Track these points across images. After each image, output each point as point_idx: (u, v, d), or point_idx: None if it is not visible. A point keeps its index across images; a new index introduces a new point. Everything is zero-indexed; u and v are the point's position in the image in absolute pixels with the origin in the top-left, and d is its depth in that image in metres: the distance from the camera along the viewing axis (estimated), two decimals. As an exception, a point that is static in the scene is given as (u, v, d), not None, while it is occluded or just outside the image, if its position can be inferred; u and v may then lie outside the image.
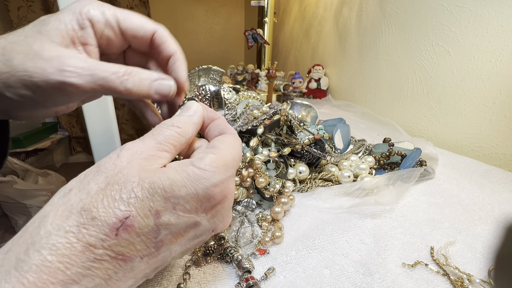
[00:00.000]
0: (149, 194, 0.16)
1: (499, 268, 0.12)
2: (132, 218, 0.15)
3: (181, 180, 0.17)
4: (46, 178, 1.39)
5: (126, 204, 0.15)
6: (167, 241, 0.17)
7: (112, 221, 0.15)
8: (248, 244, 0.29)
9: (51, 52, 0.19)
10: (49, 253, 0.13)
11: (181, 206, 0.17)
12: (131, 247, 0.16)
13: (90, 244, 0.14)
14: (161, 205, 0.16)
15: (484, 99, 0.53)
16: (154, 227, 0.16)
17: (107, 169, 0.16)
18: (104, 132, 0.61)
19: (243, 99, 0.55)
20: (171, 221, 0.17)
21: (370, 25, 0.82)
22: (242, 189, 0.34)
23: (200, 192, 0.17)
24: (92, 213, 0.15)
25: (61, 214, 0.15)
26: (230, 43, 2.26)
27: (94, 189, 0.15)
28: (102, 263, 0.15)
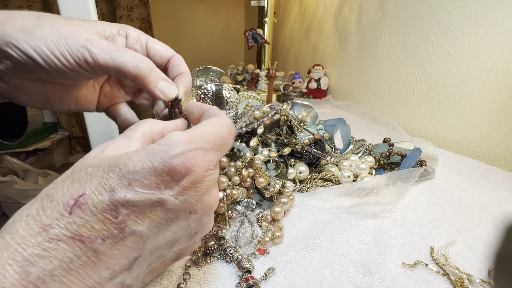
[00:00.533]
0: (104, 172, 0.16)
1: (499, 268, 0.12)
2: (85, 196, 0.15)
3: (138, 156, 0.16)
4: (46, 178, 1.39)
5: (83, 183, 0.16)
6: (130, 222, 0.16)
7: (66, 199, 0.15)
8: (248, 244, 0.29)
9: (80, 27, 0.21)
10: (10, 236, 0.14)
11: (138, 181, 0.16)
12: (88, 226, 0.15)
13: (46, 225, 0.15)
14: (115, 181, 0.16)
15: (484, 99, 0.53)
16: (110, 204, 0.16)
17: (76, 163, 0.17)
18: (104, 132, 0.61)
19: (243, 99, 0.55)
20: (128, 197, 0.16)
21: (370, 25, 0.82)
22: (242, 189, 0.34)
23: (157, 164, 0.16)
24: (52, 196, 0.15)
25: (30, 203, 0.16)
26: (230, 43, 2.26)
27: (61, 178, 0.17)
28: (58, 243, 0.14)
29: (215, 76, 0.48)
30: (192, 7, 2.09)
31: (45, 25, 0.20)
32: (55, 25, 0.20)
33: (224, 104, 0.38)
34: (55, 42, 0.20)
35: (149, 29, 1.92)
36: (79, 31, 0.21)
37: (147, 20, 1.91)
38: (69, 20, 0.21)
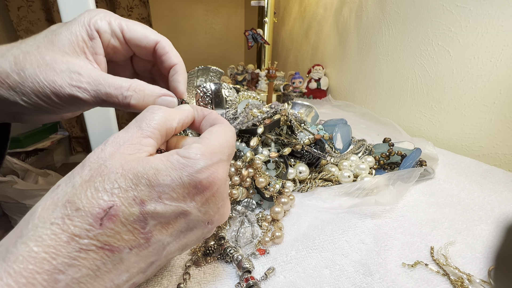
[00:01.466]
0: (133, 184, 0.16)
1: (499, 268, 0.12)
2: (116, 208, 0.15)
3: (165, 169, 0.17)
4: (46, 178, 1.39)
5: (110, 194, 0.15)
6: (156, 232, 0.17)
7: (96, 211, 0.15)
8: (248, 244, 0.29)
9: (61, 65, 0.20)
10: (35, 244, 0.14)
11: (167, 194, 0.17)
12: (118, 237, 0.16)
13: (75, 235, 0.15)
14: (145, 194, 0.16)
15: (484, 99, 0.53)
16: (140, 216, 0.16)
17: (91, 162, 0.17)
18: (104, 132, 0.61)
19: (243, 99, 0.55)
20: (157, 209, 0.17)
21: (370, 25, 0.82)
22: (242, 189, 0.34)
23: (185, 179, 0.17)
24: (76, 205, 0.15)
25: (48, 207, 0.15)
26: (230, 43, 2.26)
27: (78, 181, 0.16)
28: (88, 253, 0.15)
29: (215, 76, 0.48)
30: (192, 7, 2.09)
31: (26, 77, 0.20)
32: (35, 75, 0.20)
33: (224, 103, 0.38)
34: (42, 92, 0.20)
35: (149, 29, 1.92)
36: (57, 72, 0.20)
37: (147, 20, 1.91)
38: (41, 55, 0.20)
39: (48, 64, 0.20)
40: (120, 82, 0.21)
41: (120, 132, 0.18)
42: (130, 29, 0.23)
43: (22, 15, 1.67)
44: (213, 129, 0.20)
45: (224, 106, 0.38)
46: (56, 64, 0.20)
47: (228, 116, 0.40)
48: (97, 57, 0.23)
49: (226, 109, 0.39)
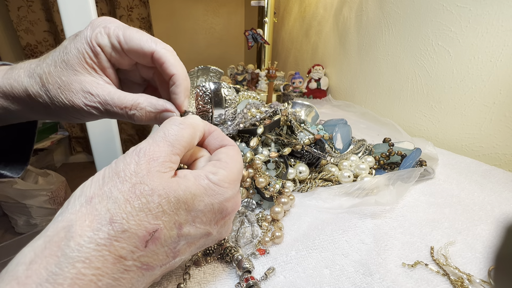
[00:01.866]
0: (175, 208, 0.17)
1: (499, 268, 0.12)
2: (159, 231, 0.16)
3: (200, 194, 0.18)
4: (46, 178, 1.39)
5: (155, 217, 0.16)
6: (182, 250, 0.18)
7: (143, 233, 0.16)
8: (248, 244, 0.29)
9: (76, 85, 0.23)
10: (83, 266, 0.14)
11: (199, 218, 0.18)
12: (155, 257, 0.17)
13: (121, 256, 0.15)
14: (183, 218, 0.17)
15: (484, 99, 0.53)
16: (176, 238, 0.17)
17: (129, 177, 0.16)
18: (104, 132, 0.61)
19: (243, 99, 0.55)
20: (191, 232, 0.18)
21: (370, 25, 0.82)
22: (242, 189, 0.34)
23: (216, 206, 0.19)
24: (122, 226, 0.15)
25: (89, 225, 0.15)
26: (230, 43, 2.26)
27: (120, 199, 0.16)
28: (129, 273, 0.15)
29: (215, 76, 0.48)
30: (192, 7, 2.09)
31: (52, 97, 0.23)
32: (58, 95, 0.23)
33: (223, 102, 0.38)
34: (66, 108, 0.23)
35: (149, 29, 1.92)
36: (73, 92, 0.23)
37: (147, 20, 1.91)
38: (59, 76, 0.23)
39: (66, 85, 0.22)
40: (125, 101, 0.23)
41: (149, 143, 0.18)
42: (127, 40, 0.23)
43: (22, 15, 1.67)
44: (230, 152, 0.22)
45: (224, 105, 0.38)
46: (71, 85, 0.23)
47: (228, 116, 0.40)
48: (106, 70, 0.24)
49: (226, 109, 0.39)
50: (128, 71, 0.27)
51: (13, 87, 0.23)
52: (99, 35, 0.23)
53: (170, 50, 0.24)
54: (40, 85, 0.23)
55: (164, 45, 0.24)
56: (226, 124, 0.39)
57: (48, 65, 0.23)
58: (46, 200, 1.32)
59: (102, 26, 0.23)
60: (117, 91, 0.24)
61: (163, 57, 0.24)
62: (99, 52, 0.23)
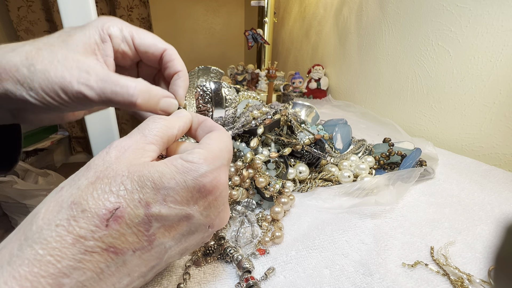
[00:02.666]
0: (139, 186, 0.16)
1: (499, 268, 0.12)
2: (122, 209, 0.16)
3: (170, 172, 0.17)
4: (46, 178, 1.39)
5: (116, 196, 0.16)
6: (159, 234, 0.17)
7: (102, 212, 0.15)
8: (248, 244, 0.29)
9: (72, 62, 0.20)
10: (40, 247, 0.14)
11: (171, 197, 0.17)
12: (122, 239, 0.16)
13: (80, 236, 0.14)
14: (151, 196, 0.16)
15: (484, 99, 0.53)
16: (144, 218, 0.16)
17: (96, 165, 0.17)
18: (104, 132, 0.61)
19: (243, 99, 0.55)
20: (162, 212, 0.17)
21: (370, 25, 0.82)
22: (242, 189, 0.34)
23: (190, 183, 0.17)
24: (82, 206, 0.15)
25: (52, 209, 0.15)
26: (230, 43, 2.26)
27: (84, 183, 0.16)
28: (93, 255, 0.15)
29: (215, 77, 0.48)
30: (192, 7, 2.09)
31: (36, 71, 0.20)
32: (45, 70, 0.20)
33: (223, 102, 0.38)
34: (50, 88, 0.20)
35: (149, 29, 1.92)
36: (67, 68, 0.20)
37: (147, 20, 1.91)
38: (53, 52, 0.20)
39: (60, 60, 0.20)
40: (125, 81, 0.21)
41: (123, 138, 0.18)
42: (141, 37, 0.24)
43: (22, 15, 1.67)
44: (211, 135, 0.21)
45: (224, 105, 0.38)
46: (66, 61, 0.20)
47: (228, 115, 0.40)
48: (107, 58, 0.23)
49: (226, 109, 0.39)
50: (125, 70, 0.27)
51: None
52: (111, 26, 0.23)
53: None
54: (24, 59, 0.20)
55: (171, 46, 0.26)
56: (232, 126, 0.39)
57: (42, 43, 0.21)
58: (46, 200, 1.32)
59: (115, 20, 0.24)
60: (114, 73, 0.21)
61: (174, 54, 0.25)
62: (107, 40, 0.23)
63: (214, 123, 0.23)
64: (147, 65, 0.27)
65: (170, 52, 0.25)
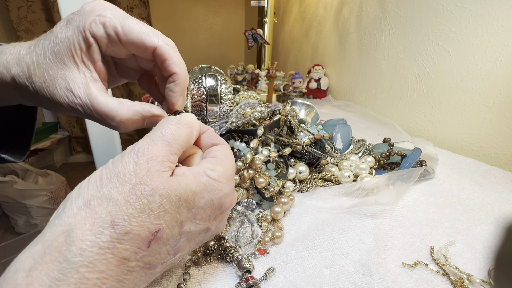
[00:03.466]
0: (176, 207, 0.17)
1: (499, 268, 0.12)
2: (162, 231, 0.16)
3: (201, 191, 0.18)
4: (46, 178, 1.39)
5: (157, 217, 0.16)
6: (182, 247, 0.18)
7: (145, 234, 0.15)
8: (248, 244, 0.29)
9: (60, 81, 0.21)
10: (86, 270, 0.14)
11: (200, 215, 0.18)
12: (157, 256, 0.17)
13: (124, 258, 0.15)
14: (185, 216, 0.17)
15: (484, 99, 0.53)
16: (178, 236, 0.17)
17: (128, 178, 0.16)
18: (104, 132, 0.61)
19: (243, 99, 0.55)
20: (191, 229, 0.18)
21: (370, 25, 0.82)
22: (242, 190, 0.34)
23: (216, 201, 0.19)
24: (125, 228, 0.15)
25: (91, 228, 0.14)
26: (230, 43, 2.26)
27: (120, 201, 0.15)
28: (133, 274, 0.15)
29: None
30: (192, 7, 2.09)
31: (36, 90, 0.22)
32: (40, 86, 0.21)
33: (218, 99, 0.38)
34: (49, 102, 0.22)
35: (149, 29, 1.92)
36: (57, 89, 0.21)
37: (147, 20, 1.91)
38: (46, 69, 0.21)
39: (51, 79, 0.21)
40: (106, 110, 0.21)
41: (147, 142, 0.18)
42: (126, 32, 0.21)
43: (22, 15, 1.67)
44: (223, 150, 0.22)
45: (219, 101, 0.38)
46: (56, 81, 0.21)
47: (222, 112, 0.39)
48: (96, 64, 0.22)
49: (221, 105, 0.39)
50: (124, 59, 0.25)
51: (2, 74, 0.22)
52: (94, 24, 0.21)
53: (173, 46, 0.23)
54: (27, 76, 0.21)
55: (167, 40, 0.22)
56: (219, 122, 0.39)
57: (37, 54, 0.21)
58: (46, 200, 1.32)
59: (96, 13, 0.21)
60: (98, 94, 0.21)
61: (165, 54, 0.22)
62: (91, 43, 0.21)
63: (216, 134, 0.24)
64: (143, 58, 0.24)
65: (162, 51, 0.22)
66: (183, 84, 0.23)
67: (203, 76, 0.37)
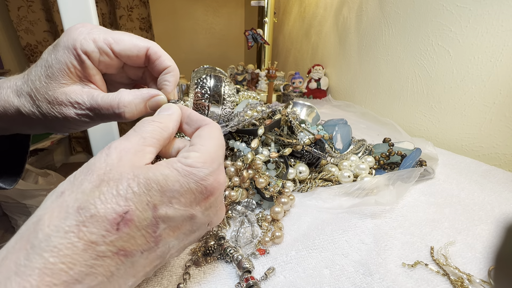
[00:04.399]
0: (146, 189, 0.16)
1: (499, 268, 0.12)
2: (131, 212, 0.16)
3: (173, 175, 0.17)
4: (46, 178, 1.39)
5: (124, 199, 0.16)
6: (165, 235, 0.18)
7: (112, 216, 0.15)
8: (248, 244, 0.29)
9: (63, 97, 0.22)
10: (50, 255, 0.14)
11: (177, 199, 0.17)
12: (132, 242, 0.16)
13: (92, 242, 0.14)
14: (157, 199, 0.17)
15: (484, 99, 0.53)
16: (152, 220, 0.17)
17: (99, 168, 0.16)
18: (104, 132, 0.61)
19: (243, 99, 0.55)
20: (168, 213, 0.17)
21: (370, 25, 0.82)
22: (242, 190, 0.34)
23: (192, 185, 0.18)
24: (90, 211, 0.15)
25: (58, 215, 0.15)
26: (230, 43, 2.26)
27: (88, 187, 0.16)
28: (104, 259, 0.15)
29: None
30: (192, 7, 2.09)
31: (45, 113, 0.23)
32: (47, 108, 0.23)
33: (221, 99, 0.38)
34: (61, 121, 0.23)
35: (149, 29, 1.92)
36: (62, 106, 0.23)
37: (147, 20, 1.91)
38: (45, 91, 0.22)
39: (54, 99, 0.22)
40: (109, 100, 0.22)
41: (121, 140, 0.18)
42: (118, 41, 0.23)
43: (22, 15, 1.67)
44: (202, 133, 0.21)
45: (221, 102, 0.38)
46: (58, 98, 0.22)
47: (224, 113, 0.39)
48: (92, 78, 0.24)
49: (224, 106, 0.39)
50: (113, 75, 0.27)
51: (5, 108, 0.23)
52: (84, 41, 0.22)
53: None
54: (32, 103, 0.23)
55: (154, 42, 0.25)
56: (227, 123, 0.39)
57: (33, 81, 0.22)
58: (46, 200, 1.32)
59: (85, 32, 0.22)
60: (100, 93, 0.23)
61: (159, 51, 0.24)
62: (84, 60, 0.22)
63: (200, 116, 0.23)
64: (132, 67, 0.26)
65: (155, 49, 0.24)
66: (176, 76, 0.25)
67: (208, 75, 0.37)
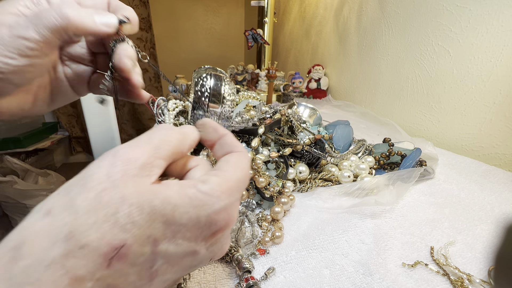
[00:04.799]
0: (149, 219, 0.14)
1: (499, 268, 0.12)
2: (127, 246, 0.13)
3: (184, 205, 0.15)
4: (46, 178, 1.39)
5: (123, 230, 0.13)
6: (162, 271, 0.15)
7: (106, 249, 0.13)
8: (248, 244, 0.29)
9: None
10: None
11: (181, 234, 0.15)
12: (124, 279, 0.14)
13: (78, 276, 0.12)
14: (160, 232, 0.14)
15: (484, 99, 0.53)
16: (150, 256, 0.14)
17: (98, 181, 0.14)
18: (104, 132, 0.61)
19: (243, 99, 0.55)
20: (169, 249, 0.15)
21: (370, 25, 0.82)
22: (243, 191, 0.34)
23: (202, 219, 0.15)
24: (81, 240, 0.13)
25: (42, 240, 0.13)
26: (230, 43, 2.26)
27: (82, 207, 0.13)
28: None
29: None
30: (192, 7, 2.09)
31: None
32: None
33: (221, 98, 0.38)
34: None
35: (149, 29, 1.92)
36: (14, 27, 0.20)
37: (147, 20, 1.91)
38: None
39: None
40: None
41: (130, 145, 0.16)
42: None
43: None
44: (230, 158, 0.19)
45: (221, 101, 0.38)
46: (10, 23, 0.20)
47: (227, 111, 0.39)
48: None
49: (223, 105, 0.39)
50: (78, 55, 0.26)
51: None
52: None
53: None
54: None
55: None
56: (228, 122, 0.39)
57: None
58: (46, 200, 1.32)
59: None
60: None
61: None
62: None
63: (234, 141, 0.20)
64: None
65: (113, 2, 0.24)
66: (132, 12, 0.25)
67: (208, 74, 0.37)
